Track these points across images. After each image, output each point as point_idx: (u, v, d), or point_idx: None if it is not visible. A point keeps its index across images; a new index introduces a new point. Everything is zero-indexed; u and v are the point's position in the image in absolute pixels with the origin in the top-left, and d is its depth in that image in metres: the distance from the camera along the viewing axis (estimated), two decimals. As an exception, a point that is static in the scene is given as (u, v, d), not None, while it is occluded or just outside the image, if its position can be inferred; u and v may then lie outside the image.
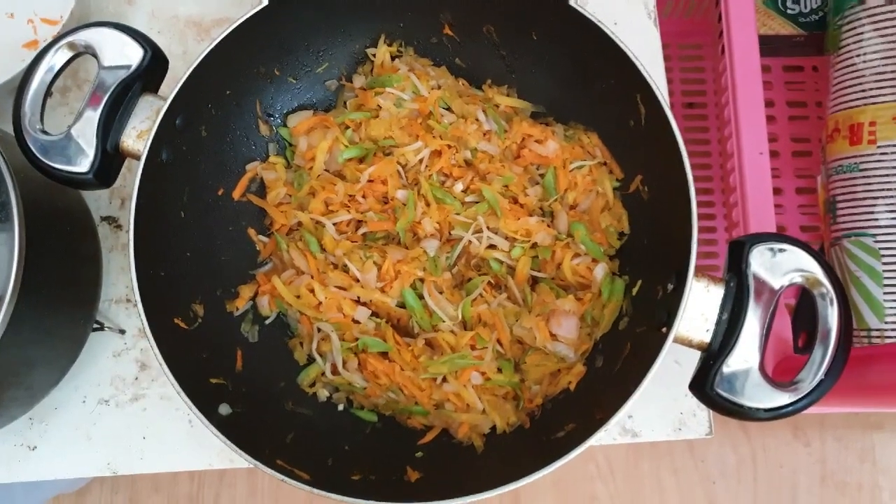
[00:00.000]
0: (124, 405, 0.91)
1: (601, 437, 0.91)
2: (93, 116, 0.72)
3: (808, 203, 1.24)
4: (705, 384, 0.68)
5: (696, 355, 0.95)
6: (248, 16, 0.79)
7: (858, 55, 1.12)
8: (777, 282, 0.69)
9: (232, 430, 0.68)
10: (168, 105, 0.73)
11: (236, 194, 0.87)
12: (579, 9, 0.79)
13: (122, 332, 0.96)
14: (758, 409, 0.68)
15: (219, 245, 0.84)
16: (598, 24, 0.78)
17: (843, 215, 1.07)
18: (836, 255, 1.13)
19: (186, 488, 1.77)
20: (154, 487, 1.78)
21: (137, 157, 0.72)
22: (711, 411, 0.91)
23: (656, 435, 0.91)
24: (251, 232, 0.87)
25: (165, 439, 0.90)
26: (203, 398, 0.70)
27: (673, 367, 0.93)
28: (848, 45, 1.13)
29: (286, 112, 0.90)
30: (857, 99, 1.11)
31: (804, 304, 1.06)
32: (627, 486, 1.74)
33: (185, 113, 0.76)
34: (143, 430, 0.90)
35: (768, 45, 1.31)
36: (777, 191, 1.28)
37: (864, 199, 1.05)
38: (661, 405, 0.92)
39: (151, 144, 0.73)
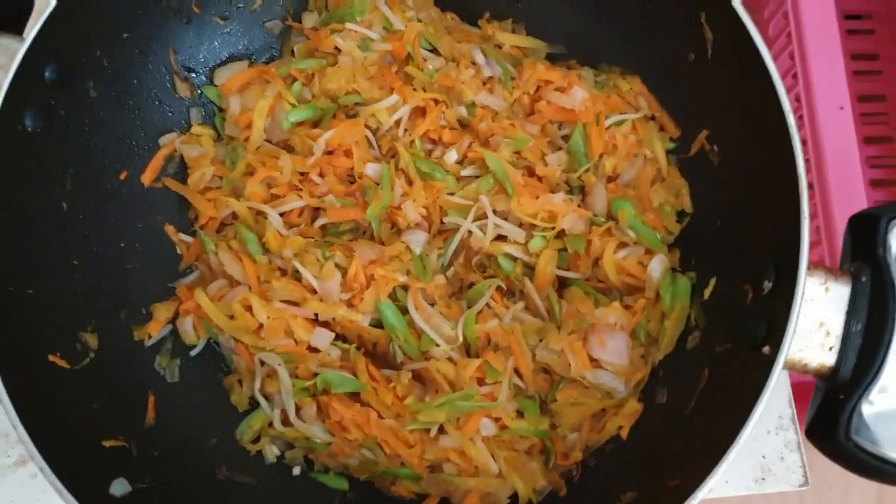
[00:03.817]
0: (7, 471, 0.72)
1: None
2: None
3: (883, 177, 1.02)
4: (836, 430, 0.51)
5: (779, 380, 0.73)
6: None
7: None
8: (941, 271, 0.53)
9: None
10: (27, 47, 0.59)
11: (147, 179, 0.72)
12: None
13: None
14: None
15: (123, 249, 0.70)
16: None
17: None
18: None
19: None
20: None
21: (-19, 123, 0.58)
22: (804, 453, 0.70)
23: (731, 489, 0.71)
24: (169, 229, 0.73)
25: None
26: (87, 473, 0.55)
27: None
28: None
29: (213, 65, 0.75)
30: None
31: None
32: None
33: (57, 61, 0.62)
34: None
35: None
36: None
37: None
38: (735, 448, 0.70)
39: (4, 106, 0.58)
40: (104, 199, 0.69)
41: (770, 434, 0.71)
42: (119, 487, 0.57)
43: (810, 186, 0.82)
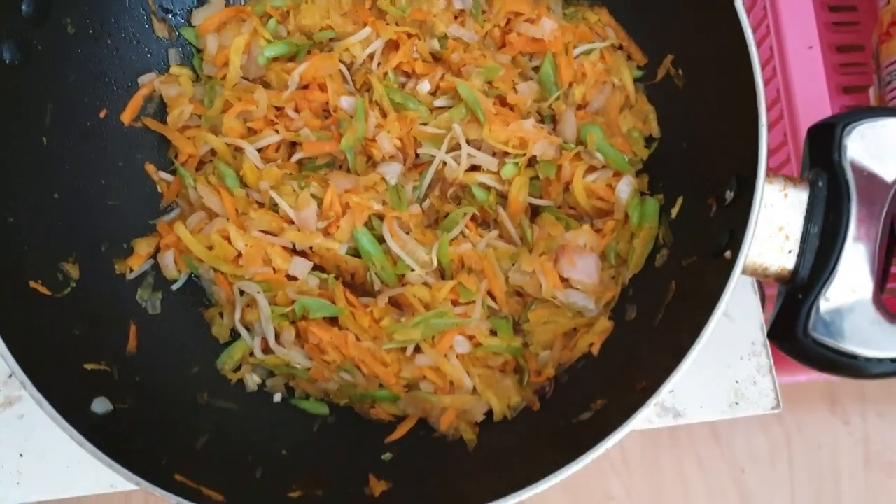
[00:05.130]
0: None
1: (632, 426, 0.69)
2: None
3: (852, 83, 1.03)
4: (795, 327, 0.51)
5: (752, 305, 0.74)
6: None
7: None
8: (892, 170, 0.51)
9: (108, 434, 0.53)
10: (2, -22, 0.58)
11: (126, 118, 0.70)
12: None
13: (-14, 314, 0.73)
14: (878, 361, 0.50)
15: (104, 185, 0.68)
16: None
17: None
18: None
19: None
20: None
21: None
22: (776, 377, 0.71)
23: (706, 413, 0.72)
24: (150, 168, 0.71)
25: (51, 456, 0.71)
26: (68, 390, 0.54)
27: (722, 321, 0.71)
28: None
29: (190, 7, 0.73)
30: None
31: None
32: (647, 481, 1.51)
33: None
34: (20, 445, 0.71)
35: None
36: (817, 114, 1.07)
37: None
38: (709, 374, 0.72)
39: None
40: (84, 137, 0.66)
41: (743, 360, 0.72)
42: (100, 405, 0.56)
43: (780, 118, 0.83)
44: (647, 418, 0.70)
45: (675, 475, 1.60)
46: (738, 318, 0.72)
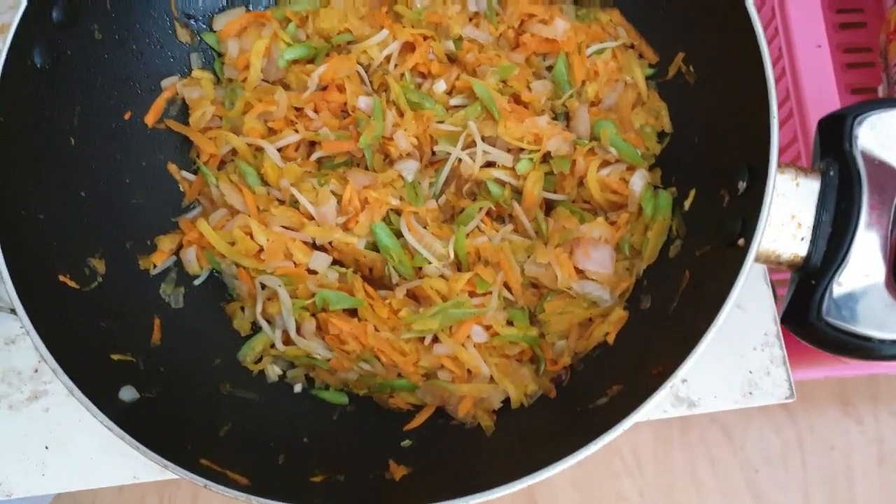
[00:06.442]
0: (20, 406, 0.74)
1: (647, 410, 0.70)
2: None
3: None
4: (808, 312, 0.52)
5: (765, 297, 0.74)
6: None
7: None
8: (903, 159, 0.51)
9: (135, 421, 0.54)
10: (34, -14, 0.60)
11: (150, 120, 0.72)
12: None
13: (14, 311, 0.74)
14: (892, 342, 0.51)
15: (128, 185, 0.70)
16: None
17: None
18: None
19: (154, 515, 1.54)
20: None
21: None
22: (789, 368, 0.72)
23: (719, 403, 0.71)
24: (172, 168, 0.73)
25: (75, 448, 0.73)
26: (96, 378, 0.56)
27: (735, 313, 0.72)
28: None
29: (212, 12, 0.75)
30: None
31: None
32: (658, 481, 1.52)
33: (64, 2, 0.63)
34: (46, 438, 0.73)
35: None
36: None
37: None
38: (723, 365, 0.72)
39: (14, 39, 0.59)
40: (109, 138, 0.68)
41: (756, 350, 0.72)
42: (127, 393, 0.57)
43: (790, 116, 0.84)
44: (661, 407, 0.71)
45: (687, 476, 1.61)
46: (751, 309, 0.72)
